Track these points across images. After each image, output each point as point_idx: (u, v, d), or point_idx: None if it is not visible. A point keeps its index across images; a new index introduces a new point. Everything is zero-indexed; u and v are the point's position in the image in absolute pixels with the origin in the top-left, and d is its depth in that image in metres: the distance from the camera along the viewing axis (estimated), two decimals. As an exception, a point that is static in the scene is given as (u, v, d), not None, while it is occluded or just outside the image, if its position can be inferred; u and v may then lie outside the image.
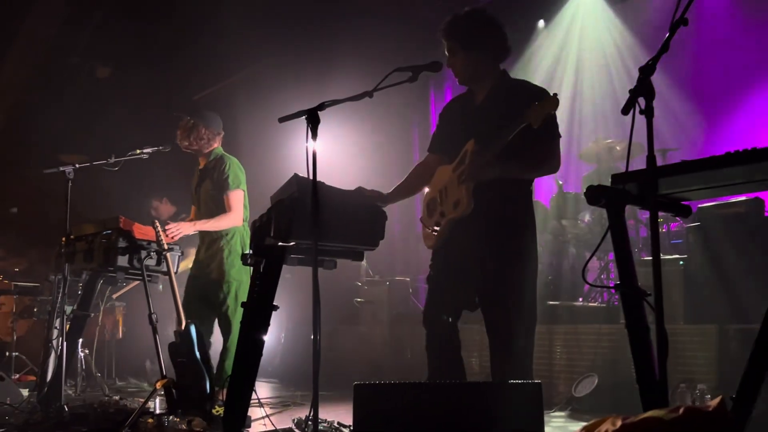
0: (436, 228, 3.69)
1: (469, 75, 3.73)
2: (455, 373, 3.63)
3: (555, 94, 3.34)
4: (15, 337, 7.52)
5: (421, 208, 3.89)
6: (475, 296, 3.62)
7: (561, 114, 3.63)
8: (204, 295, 5.21)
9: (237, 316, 5.07)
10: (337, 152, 8.36)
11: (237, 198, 5.23)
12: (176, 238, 5.04)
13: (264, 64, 9.68)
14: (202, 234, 5.32)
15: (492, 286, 3.50)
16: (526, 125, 3.31)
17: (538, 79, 8.63)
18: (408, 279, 8.16)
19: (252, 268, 3.48)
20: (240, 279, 5.17)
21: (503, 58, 3.74)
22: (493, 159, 3.44)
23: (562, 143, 3.62)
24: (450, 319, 3.66)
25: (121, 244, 4.77)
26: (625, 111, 2.31)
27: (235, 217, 5.21)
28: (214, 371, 4.98)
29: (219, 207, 5.24)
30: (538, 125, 3.28)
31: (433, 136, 3.97)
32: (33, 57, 9.60)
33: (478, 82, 3.74)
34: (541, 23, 9.16)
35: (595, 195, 2.59)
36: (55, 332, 5.05)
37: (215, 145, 5.38)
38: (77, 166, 4.91)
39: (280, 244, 3.18)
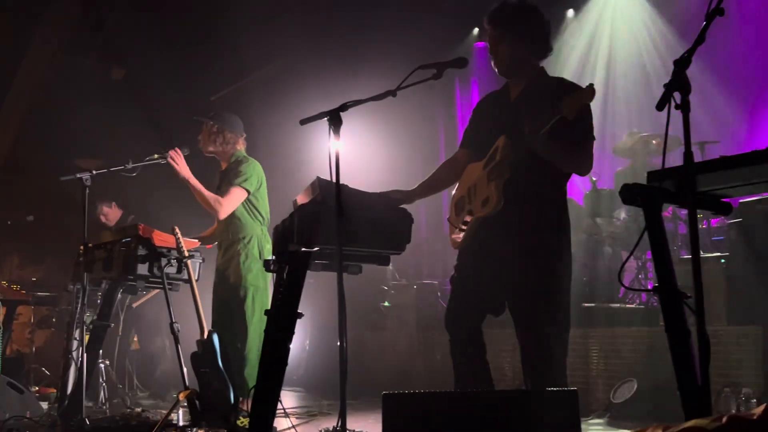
0: (463, 227, 3.69)
1: (509, 66, 3.73)
2: (481, 378, 3.62)
3: (591, 85, 3.31)
4: (34, 348, 7.62)
5: (449, 208, 3.88)
6: (501, 300, 3.61)
7: (594, 107, 3.61)
8: (224, 301, 5.26)
9: (254, 322, 5.11)
10: (360, 153, 8.38)
11: (236, 195, 5.23)
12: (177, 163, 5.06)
13: (283, 62, 9.73)
14: (220, 240, 5.38)
15: (522, 290, 3.49)
16: (560, 117, 3.30)
17: (568, 71, 8.61)
18: (436, 282, 8.15)
19: (275, 274, 3.50)
20: (257, 284, 5.21)
21: (544, 56, 3.74)
22: (526, 155, 3.43)
23: (596, 137, 3.60)
24: (474, 322, 3.66)
25: (141, 251, 4.84)
26: (659, 107, 2.30)
27: (224, 208, 5.19)
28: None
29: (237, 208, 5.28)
30: (573, 116, 3.27)
31: (465, 131, 3.98)
32: (47, 60, 9.72)
33: (516, 76, 3.74)
34: (570, 13, 9.13)
35: (630, 194, 2.59)
36: (75, 343, 5.11)
37: (238, 147, 5.46)
38: (94, 172, 4.95)
39: (303, 249, 3.21)
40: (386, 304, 8.25)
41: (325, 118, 3.11)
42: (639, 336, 5.73)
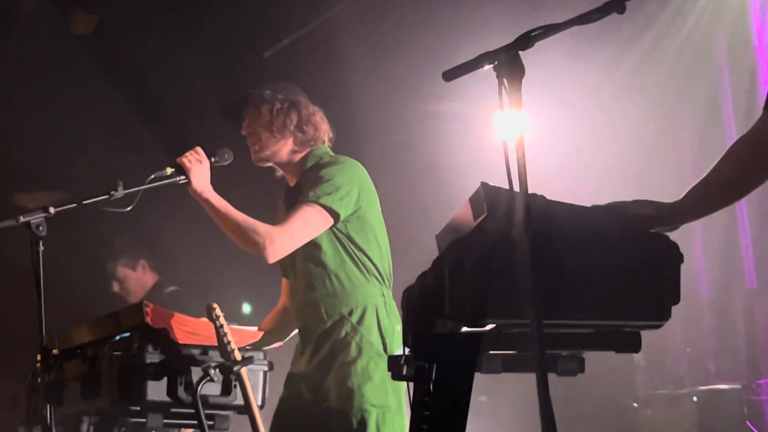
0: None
1: None
2: None
3: None
4: None
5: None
6: None
7: None
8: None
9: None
10: (558, 134, 8.41)
11: (303, 219, 5.23)
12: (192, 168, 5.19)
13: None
14: (302, 324, 5.48)
15: None
16: None
17: None
18: (738, 386, 8.06)
19: (411, 382, 3.52)
20: (384, 403, 5.25)
21: None
22: None
23: None
24: None
25: (152, 357, 4.94)
26: None
27: (277, 244, 5.18)
28: None
29: (316, 261, 5.34)
30: None
31: None
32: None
33: None
34: None
35: None
36: None
37: (319, 142, 5.54)
38: (52, 211, 5.09)
39: (466, 330, 3.22)
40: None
41: (491, 65, 3.11)
42: None
